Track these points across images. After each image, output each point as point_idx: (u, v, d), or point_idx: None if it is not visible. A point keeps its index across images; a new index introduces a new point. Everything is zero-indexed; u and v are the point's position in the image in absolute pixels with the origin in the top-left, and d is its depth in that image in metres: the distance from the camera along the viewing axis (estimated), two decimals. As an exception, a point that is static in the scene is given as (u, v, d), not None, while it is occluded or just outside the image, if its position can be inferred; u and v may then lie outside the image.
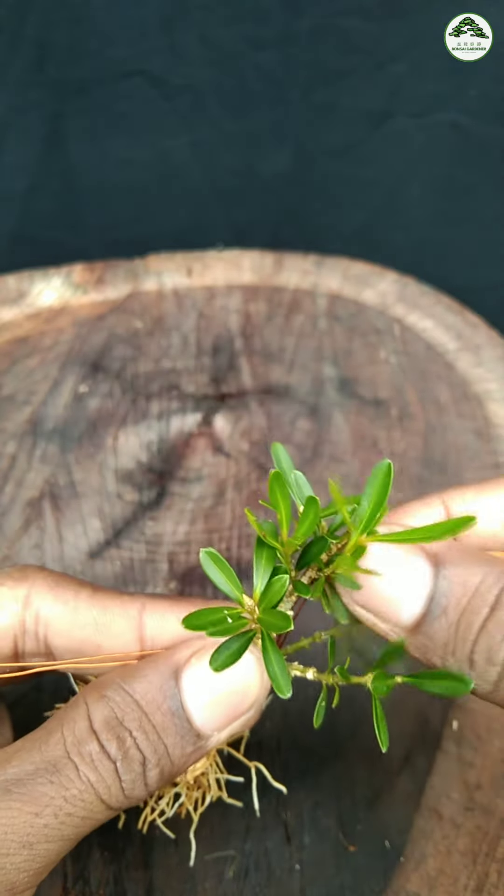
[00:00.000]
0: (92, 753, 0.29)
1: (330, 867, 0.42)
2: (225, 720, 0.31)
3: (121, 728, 0.30)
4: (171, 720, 0.30)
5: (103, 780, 0.29)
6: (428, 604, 0.28)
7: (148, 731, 0.30)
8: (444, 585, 0.28)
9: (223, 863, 0.42)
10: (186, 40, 0.72)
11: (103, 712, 0.30)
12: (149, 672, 0.31)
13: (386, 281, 0.70)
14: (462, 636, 0.28)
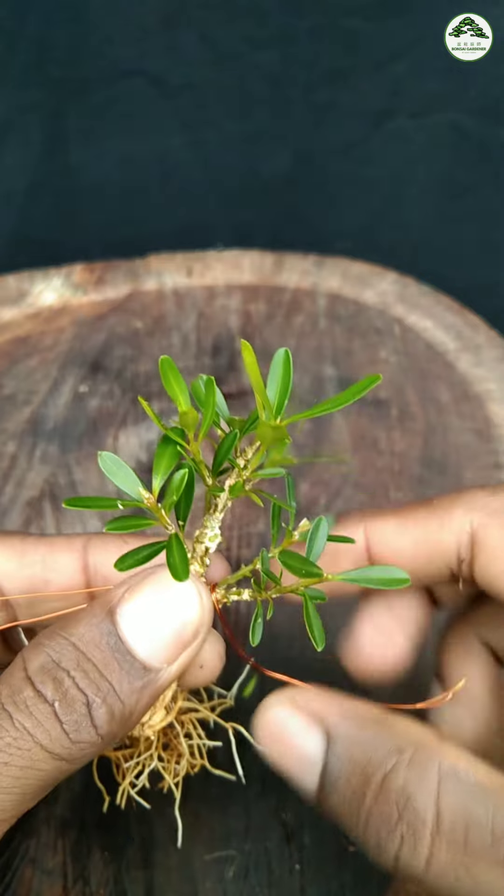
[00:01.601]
0: (26, 700, 0.28)
1: (330, 867, 0.42)
2: (171, 650, 0.30)
3: (57, 670, 0.29)
4: (111, 656, 0.29)
5: (40, 724, 0.28)
6: (322, 779, 0.28)
7: (87, 669, 0.29)
8: (334, 763, 0.28)
9: (223, 863, 0.42)
10: (186, 40, 0.72)
11: (39, 659, 0.29)
12: (84, 615, 0.30)
13: (386, 281, 0.70)
14: (353, 819, 0.27)
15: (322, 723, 0.28)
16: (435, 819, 0.26)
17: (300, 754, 0.28)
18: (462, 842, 0.25)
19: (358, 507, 0.57)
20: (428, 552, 0.33)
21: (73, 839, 0.43)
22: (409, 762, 0.27)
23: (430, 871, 0.26)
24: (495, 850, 0.25)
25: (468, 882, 0.25)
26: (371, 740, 0.27)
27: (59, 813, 0.43)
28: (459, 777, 0.26)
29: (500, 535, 0.31)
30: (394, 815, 0.26)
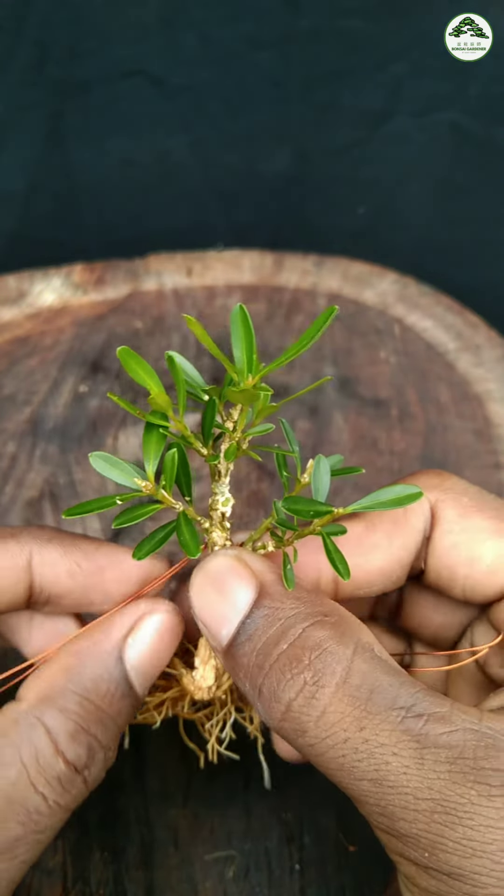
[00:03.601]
0: (60, 777, 0.28)
1: (330, 867, 0.42)
2: (156, 674, 0.32)
3: (86, 735, 0.29)
4: (124, 703, 0.30)
5: (73, 796, 0.29)
6: (239, 629, 0.29)
7: (107, 723, 0.30)
8: (258, 614, 0.29)
9: (223, 863, 0.42)
10: (186, 40, 0.72)
11: (66, 727, 0.29)
12: (92, 661, 0.30)
13: (386, 281, 0.70)
14: (258, 664, 0.28)
15: (258, 578, 0.30)
16: (345, 674, 0.26)
17: (228, 602, 0.29)
18: (365, 699, 0.26)
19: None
20: (401, 541, 0.33)
21: (73, 839, 0.43)
22: (332, 623, 0.28)
23: (321, 723, 0.26)
24: (394, 715, 0.26)
25: (357, 739, 0.26)
26: (300, 601, 0.29)
27: (59, 813, 0.43)
28: (375, 652, 0.28)
29: (453, 510, 0.32)
30: (303, 661, 0.27)
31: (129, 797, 0.44)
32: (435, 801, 0.25)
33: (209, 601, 0.30)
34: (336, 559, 0.29)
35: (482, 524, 0.32)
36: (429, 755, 0.25)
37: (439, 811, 0.25)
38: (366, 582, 0.34)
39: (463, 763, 0.25)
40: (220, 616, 0.29)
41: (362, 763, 0.26)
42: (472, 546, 0.32)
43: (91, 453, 0.31)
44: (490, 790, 0.24)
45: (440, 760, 0.25)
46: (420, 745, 0.25)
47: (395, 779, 0.25)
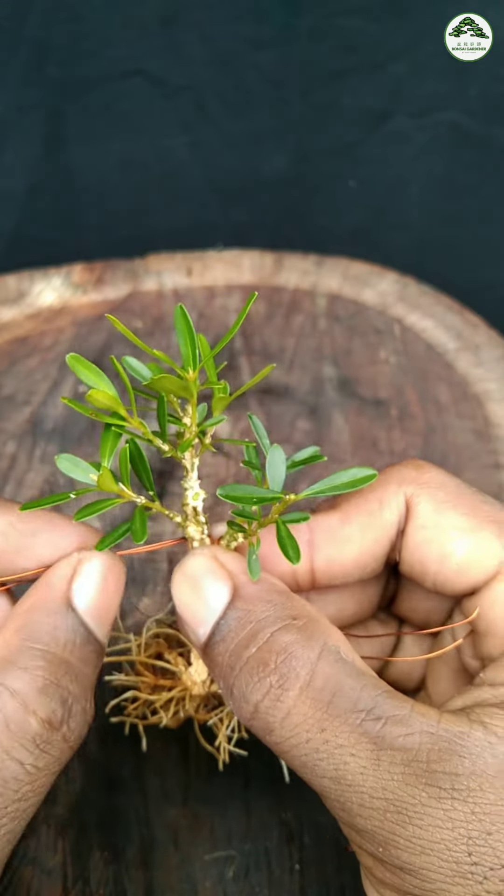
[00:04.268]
0: (35, 738, 0.28)
1: (330, 867, 0.42)
2: (111, 617, 0.32)
3: (57, 688, 0.29)
4: (88, 650, 0.30)
5: (54, 757, 0.29)
6: (214, 628, 0.30)
7: (76, 673, 0.29)
8: (231, 615, 0.30)
9: (223, 863, 0.42)
10: (186, 40, 0.72)
11: (33, 684, 0.28)
12: (43, 615, 0.30)
13: (386, 281, 0.70)
14: (230, 665, 0.29)
15: (232, 579, 0.30)
16: (308, 677, 0.28)
17: (204, 602, 0.30)
18: (326, 702, 0.27)
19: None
20: (374, 535, 0.34)
21: (73, 839, 0.43)
22: (299, 627, 0.29)
23: (285, 724, 0.27)
24: (354, 717, 0.27)
25: (318, 740, 0.27)
26: (271, 603, 0.30)
27: (59, 813, 0.43)
28: (340, 654, 0.28)
29: (428, 504, 0.33)
30: (270, 665, 0.28)
31: (129, 797, 0.44)
32: (388, 801, 0.26)
33: (187, 600, 0.31)
34: (287, 545, 0.30)
35: (455, 521, 0.32)
36: (385, 757, 0.26)
37: (392, 810, 0.26)
38: (341, 573, 0.34)
39: (416, 766, 0.26)
40: (196, 616, 0.30)
41: (323, 762, 0.27)
42: (444, 543, 0.32)
43: (58, 455, 0.31)
44: (440, 792, 0.26)
45: (395, 762, 0.26)
46: (377, 747, 0.27)
47: (353, 778, 0.27)
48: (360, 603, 0.38)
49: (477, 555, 0.32)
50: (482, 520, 0.32)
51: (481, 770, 0.26)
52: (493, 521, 0.32)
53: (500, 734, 0.27)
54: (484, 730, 0.27)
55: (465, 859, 0.25)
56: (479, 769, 0.26)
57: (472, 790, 0.26)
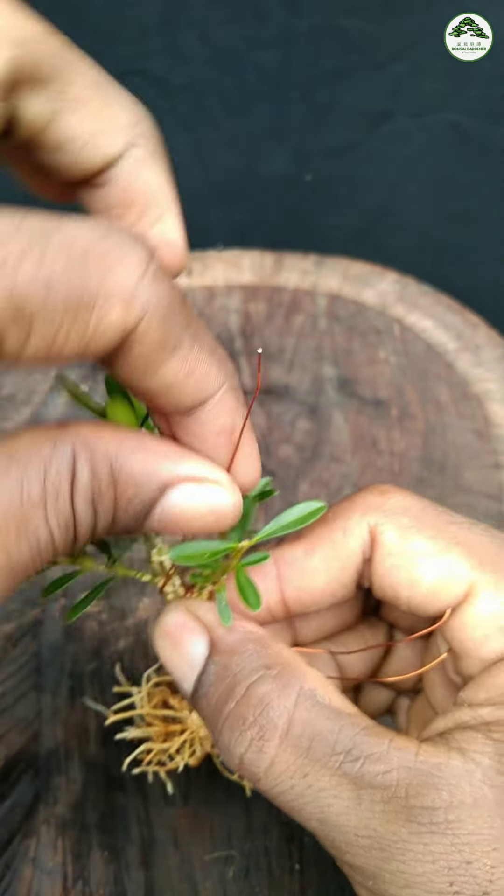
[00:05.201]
0: (62, 514, 0.26)
1: (330, 867, 0.42)
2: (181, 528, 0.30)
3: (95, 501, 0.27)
4: (139, 516, 0.28)
5: (64, 536, 0.26)
6: (197, 682, 0.30)
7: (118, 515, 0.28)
8: (210, 669, 0.30)
9: (223, 863, 0.42)
10: (186, 40, 0.72)
11: (85, 477, 0.26)
12: (140, 470, 0.27)
13: (386, 281, 0.70)
14: (214, 720, 0.30)
15: (209, 633, 0.31)
16: (286, 726, 0.28)
17: (185, 657, 0.31)
18: (306, 748, 0.28)
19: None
20: (339, 564, 0.34)
21: (73, 839, 0.43)
22: (274, 676, 0.29)
23: (269, 773, 0.28)
24: (333, 760, 0.28)
25: (301, 785, 0.28)
26: (246, 654, 0.30)
27: (59, 813, 0.43)
28: (316, 699, 0.29)
29: (393, 532, 0.33)
30: (249, 718, 0.29)
31: (129, 797, 0.44)
32: (372, 839, 0.27)
33: (168, 657, 0.31)
34: (247, 593, 0.30)
35: (421, 546, 0.32)
36: (365, 796, 0.27)
37: (376, 847, 0.27)
38: (311, 602, 0.35)
39: (396, 802, 0.27)
40: (179, 671, 0.31)
41: (309, 806, 0.28)
42: (412, 569, 0.32)
43: None
44: (419, 827, 0.26)
45: (375, 801, 0.27)
46: (357, 787, 0.27)
47: (337, 819, 0.27)
48: (341, 616, 0.39)
49: (445, 579, 0.32)
50: (448, 542, 0.32)
51: (459, 801, 0.26)
52: (458, 542, 0.32)
53: (478, 760, 0.27)
54: (462, 758, 0.28)
55: (447, 889, 0.26)
56: (457, 800, 0.26)
57: (451, 822, 0.26)
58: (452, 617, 0.32)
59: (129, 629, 0.50)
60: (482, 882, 0.26)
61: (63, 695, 0.48)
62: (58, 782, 0.45)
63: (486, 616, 0.31)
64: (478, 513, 0.56)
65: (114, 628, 0.50)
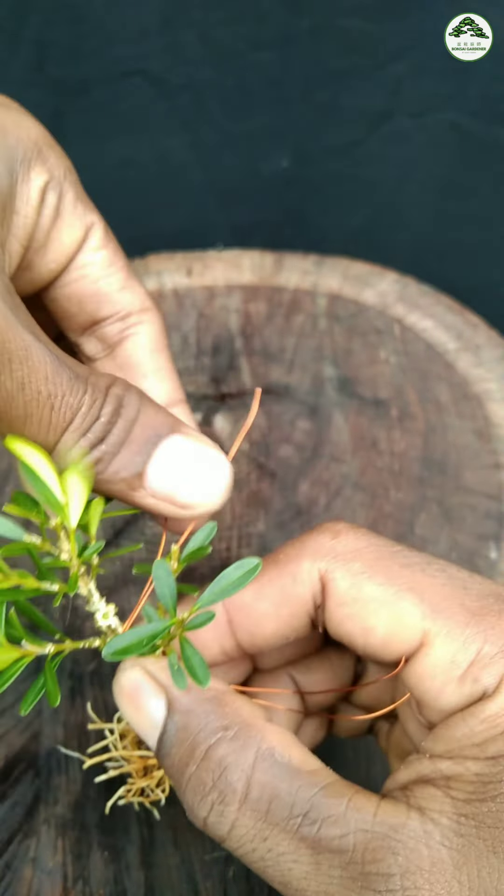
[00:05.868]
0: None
1: (330, 867, 0.42)
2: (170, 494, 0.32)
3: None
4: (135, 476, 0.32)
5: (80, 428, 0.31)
6: (159, 743, 0.30)
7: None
8: (171, 729, 0.30)
9: (223, 863, 0.42)
10: (186, 40, 0.72)
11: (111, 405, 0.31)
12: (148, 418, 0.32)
13: (386, 281, 0.70)
14: (177, 781, 0.29)
15: (166, 692, 0.30)
16: (245, 790, 0.28)
17: (145, 716, 0.30)
18: (264, 811, 0.28)
19: (358, 507, 0.57)
20: (289, 609, 0.33)
21: (73, 839, 0.43)
22: (231, 738, 0.29)
23: (231, 836, 0.28)
24: (291, 823, 0.27)
25: (262, 849, 0.28)
26: (204, 715, 0.30)
27: (60, 813, 0.43)
28: (275, 758, 0.29)
29: (344, 580, 0.32)
30: (208, 783, 0.28)
31: (130, 797, 0.44)
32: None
33: (130, 715, 0.31)
34: (194, 665, 0.29)
35: (373, 593, 0.31)
36: (324, 861, 0.27)
37: None
38: (264, 644, 0.34)
39: (352, 868, 0.26)
40: (142, 730, 0.31)
41: (270, 869, 0.28)
42: (364, 617, 0.32)
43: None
44: (375, 895, 0.26)
45: (333, 865, 0.27)
46: (315, 851, 0.27)
47: (298, 883, 0.27)
48: (300, 646, 0.38)
49: (398, 627, 0.31)
50: (400, 588, 0.31)
51: (416, 866, 0.26)
52: (411, 588, 0.31)
53: (436, 820, 0.27)
54: (421, 817, 0.27)
55: None
56: (414, 865, 0.26)
57: (407, 888, 0.26)
58: (409, 666, 0.31)
59: (129, 629, 0.50)
60: None
61: (63, 695, 0.48)
62: (58, 782, 0.45)
63: (441, 666, 0.30)
64: (478, 513, 0.56)
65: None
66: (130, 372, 0.39)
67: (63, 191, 0.36)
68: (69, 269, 0.37)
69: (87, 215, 0.37)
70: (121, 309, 0.38)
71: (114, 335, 0.39)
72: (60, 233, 0.36)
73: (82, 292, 0.37)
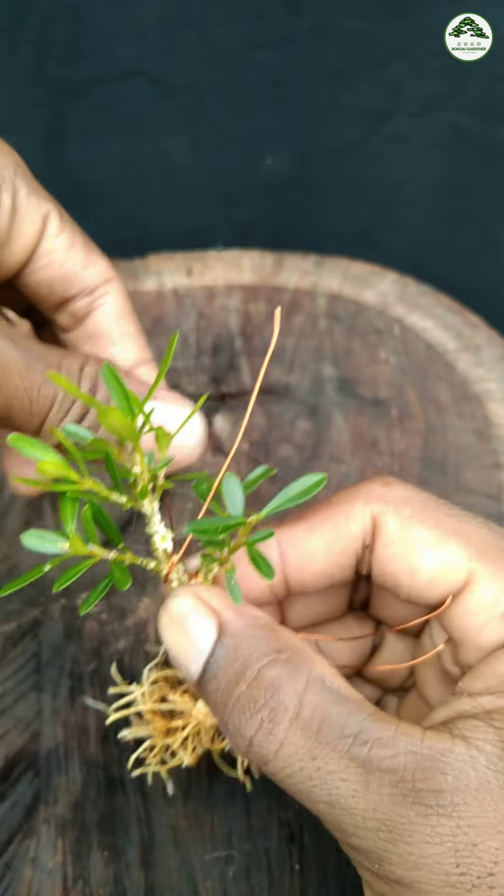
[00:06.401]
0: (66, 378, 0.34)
1: (330, 867, 0.42)
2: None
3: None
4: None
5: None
6: (205, 666, 0.31)
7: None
8: (220, 653, 0.31)
9: (223, 863, 0.42)
10: (186, 40, 0.72)
11: (94, 370, 0.36)
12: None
13: (386, 281, 0.70)
14: (223, 703, 0.30)
15: (217, 617, 0.31)
16: (296, 709, 0.29)
17: (192, 642, 0.31)
18: (315, 731, 0.28)
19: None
20: (340, 546, 0.35)
21: (73, 839, 0.43)
22: (285, 661, 0.30)
23: (279, 755, 0.29)
24: (342, 743, 0.28)
25: (310, 768, 0.28)
26: (255, 639, 0.31)
27: (60, 813, 0.43)
28: (325, 684, 0.30)
29: (394, 522, 0.34)
30: (259, 701, 0.29)
31: (129, 797, 0.44)
32: (380, 821, 0.27)
33: (176, 642, 0.32)
34: (260, 564, 0.31)
35: (421, 535, 0.33)
36: (373, 779, 0.28)
37: (384, 829, 0.27)
38: (311, 582, 0.36)
39: (403, 785, 0.27)
40: (187, 655, 0.31)
41: (317, 788, 0.28)
42: (412, 558, 0.33)
43: (23, 535, 0.31)
44: (426, 810, 0.27)
45: (383, 784, 0.27)
46: (365, 771, 0.28)
47: (345, 802, 0.28)
48: (328, 604, 0.39)
49: (445, 567, 0.33)
50: (448, 532, 0.33)
51: (464, 785, 0.27)
52: (457, 532, 0.33)
53: (480, 747, 0.28)
54: (465, 744, 0.28)
55: (453, 871, 0.26)
56: (462, 784, 0.27)
57: (456, 805, 0.27)
58: (451, 605, 0.33)
59: (129, 629, 0.50)
60: (487, 864, 0.26)
61: (63, 695, 0.48)
62: (58, 782, 0.45)
63: (485, 604, 0.32)
64: (478, 513, 0.56)
65: (114, 628, 0.50)
66: (101, 340, 0.42)
67: (16, 188, 0.38)
68: (33, 258, 0.39)
69: (41, 205, 0.39)
70: (87, 285, 0.41)
71: (83, 308, 0.42)
72: (20, 228, 0.38)
73: (50, 277, 0.40)
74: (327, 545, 0.35)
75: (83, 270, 0.41)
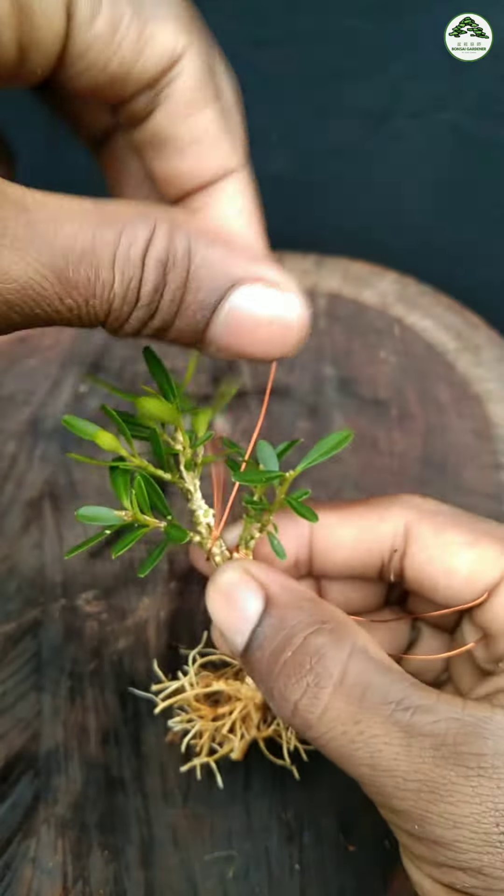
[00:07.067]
0: (131, 264, 0.27)
1: (330, 867, 0.42)
2: (239, 349, 0.30)
3: (167, 269, 0.28)
4: (200, 312, 0.29)
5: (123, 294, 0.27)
6: (252, 636, 0.32)
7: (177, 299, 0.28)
8: (266, 623, 0.32)
9: (223, 863, 0.42)
10: (186, 40, 0.71)
11: (162, 244, 0.27)
12: (216, 259, 0.28)
13: (386, 281, 0.70)
14: (269, 670, 0.31)
15: (265, 589, 0.33)
16: (341, 675, 0.30)
17: (240, 613, 0.32)
18: (359, 696, 0.30)
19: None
20: (368, 543, 0.37)
21: (73, 839, 0.43)
22: (330, 630, 0.31)
23: (323, 719, 0.30)
24: (385, 708, 0.29)
25: (353, 731, 0.29)
26: (301, 610, 0.32)
27: (60, 813, 0.43)
28: (368, 653, 0.31)
29: (429, 531, 0.36)
30: (305, 666, 0.31)
31: (129, 797, 0.44)
32: (421, 782, 0.28)
33: (224, 613, 0.33)
34: (303, 511, 0.33)
35: (456, 538, 0.35)
36: (415, 743, 0.29)
37: (425, 790, 0.28)
38: (332, 570, 0.38)
39: (445, 749, 0.28)
40: (234, 626, 0.33)
41: (359, 751, 0.29)
42: (448, 559, 0.35)
43: (77, 513, 0.33)
44: (467, 771, 0.28)
45: (425, 747, 0.29)
46: (408, 735, 0.29)
47: (388, 764, 0.29)
48: (365, 597, 0.41)
49: (480, 565, 0.35)
50: (480, 535, 0.35)
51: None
52: (490, 534, 0.35)
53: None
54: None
55: (493, 830, 0.28)
56: (502, 749, 0.28)
57: (497, 767, 0.28)
58: (488, 600, 0.35)
59: (129, 629, 0.50)
60: None
61: (63, 695, 0.48)
62: (58, 782, 0.45)
63: None
64: (477, 513, 0.56)
65: (114, 628, 0.50)
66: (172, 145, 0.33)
67: None
68: (67, 49, 0.31)
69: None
70: (149, 72, 0.32)
71: (143, 104, 0.33)
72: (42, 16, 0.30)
73: (95, 74, 0.32)
74: (356, 538, 0.37)
75: (139, 55, 0.31)
